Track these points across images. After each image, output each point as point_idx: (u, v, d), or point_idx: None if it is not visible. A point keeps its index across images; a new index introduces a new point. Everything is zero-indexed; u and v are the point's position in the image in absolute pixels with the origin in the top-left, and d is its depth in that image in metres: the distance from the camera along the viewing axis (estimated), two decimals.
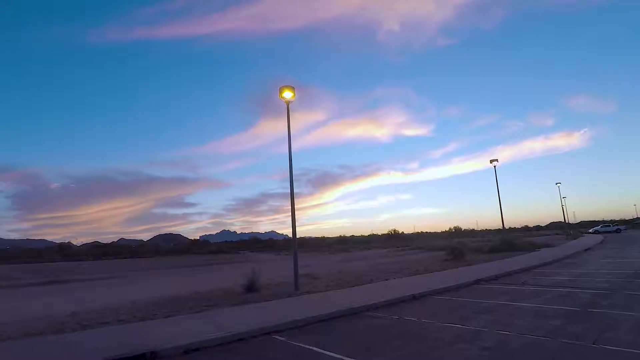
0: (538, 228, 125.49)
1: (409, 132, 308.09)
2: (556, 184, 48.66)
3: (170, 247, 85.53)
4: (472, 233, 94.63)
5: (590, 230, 66.48)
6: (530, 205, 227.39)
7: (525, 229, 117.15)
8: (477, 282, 12.58)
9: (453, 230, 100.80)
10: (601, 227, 66.04)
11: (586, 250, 25.59)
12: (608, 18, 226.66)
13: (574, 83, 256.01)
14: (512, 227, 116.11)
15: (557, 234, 64.58)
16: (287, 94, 13.54)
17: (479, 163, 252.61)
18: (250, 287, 11.75)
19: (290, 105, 13.56)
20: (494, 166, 29.70)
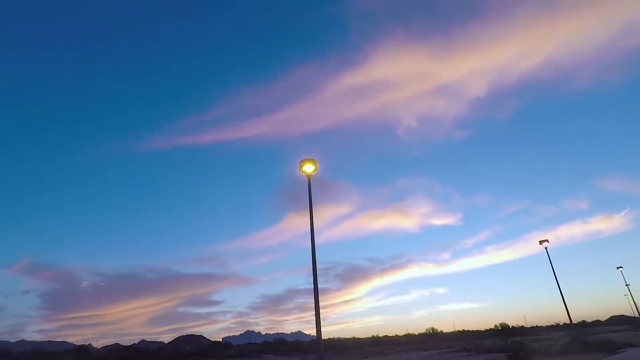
0: (598, 323, 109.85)
1: (437, 221, 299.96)
2: (617, 268, 42.96)
3: (189, 350, 79.43)
4: (523, 330, 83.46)
5: None
6: (580, 297, 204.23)
7: (583, 324, 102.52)
8: None
9: (500, 328, 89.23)
10: None
11: None
12: (629, 98, 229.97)
13: (604, 164, 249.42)
14: (567, 322, 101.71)
15: (628, 330, 55.66)
16: (308, 167, 12.53)
17: (515, 251, 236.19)
18: None
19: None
20: (545, 248, 26.37)
